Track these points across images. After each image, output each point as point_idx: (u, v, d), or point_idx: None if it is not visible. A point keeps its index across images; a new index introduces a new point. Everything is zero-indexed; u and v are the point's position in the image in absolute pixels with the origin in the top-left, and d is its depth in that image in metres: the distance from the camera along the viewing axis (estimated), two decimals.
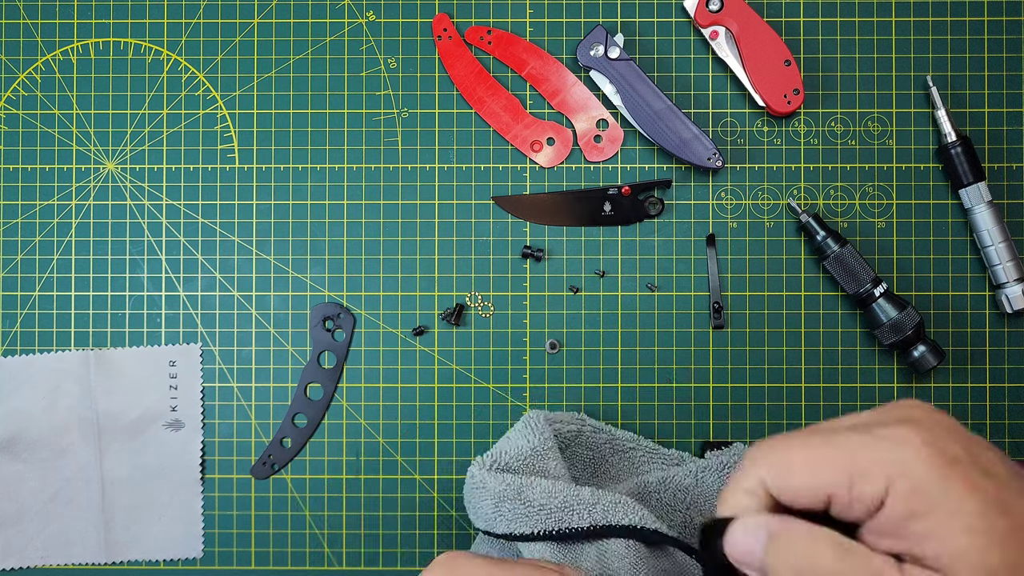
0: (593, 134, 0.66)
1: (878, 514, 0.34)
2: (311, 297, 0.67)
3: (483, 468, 0.57)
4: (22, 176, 0.67)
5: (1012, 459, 0.66)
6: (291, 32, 0.67)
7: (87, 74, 0.67)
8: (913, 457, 0.34)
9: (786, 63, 0.64)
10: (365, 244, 0.67)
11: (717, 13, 0.64)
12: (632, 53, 0.66)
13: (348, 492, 0.66)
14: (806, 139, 0.67)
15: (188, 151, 0.67)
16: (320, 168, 0.67)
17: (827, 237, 0.64)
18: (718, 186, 0.66)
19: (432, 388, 0.66)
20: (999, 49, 0.66)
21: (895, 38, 0.67)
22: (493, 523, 0.56)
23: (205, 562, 0.66)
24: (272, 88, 0.67)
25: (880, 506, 0.34)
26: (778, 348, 0.66)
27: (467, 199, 0.67)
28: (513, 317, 0.66)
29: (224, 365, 0.66)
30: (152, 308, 0.67)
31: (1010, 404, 0.65)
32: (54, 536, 0.65)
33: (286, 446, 0.66)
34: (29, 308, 0.67)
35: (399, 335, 0.66)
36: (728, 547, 0.38)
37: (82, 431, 0.65)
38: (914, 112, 0.66)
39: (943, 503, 0.33)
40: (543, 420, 0.60)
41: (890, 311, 0.63)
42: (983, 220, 0.64)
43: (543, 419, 0.60)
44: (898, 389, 0.66)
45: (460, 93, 0.67)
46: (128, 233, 0.67)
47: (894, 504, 0.34)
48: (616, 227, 0.66)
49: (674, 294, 0.66)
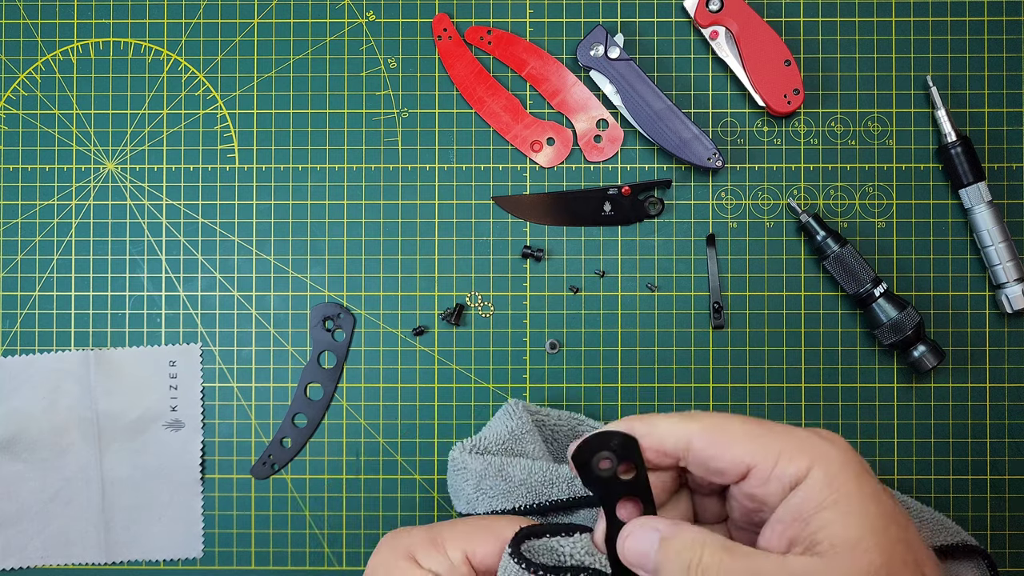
0: (593, 134, 0.66)
1: (789, 496, 0.38)
2: (311, 297, 0.67)
3: (464, 452, 0.58)
4: (22, 176, 0.67)
5: (1011, 459, 0.66)
6: (291, 32, 0.67)
7: (87, 74, 0.67)
8: (836, 454, 0.39)
9: (786, 63, 0.64)
10: (365, 244, 0.67)
11: (717, 13, 0.64)
12: (632, 53, 0.66)
13: (348, 492, 0.66)
14: (806, 139, 0.67)
15: (188, 151, 0.67)
16: (320, 168, 0.67)
17: (827, 237, 0.64)
18: (718, 186, 0.66)
19: (432, 388, 0.66)
20: (999, 49, 0.66)
21: (895, 38, 0.67)
22: (475, 503, 0.56)
23: (205, 562, 0.66)
24: (272, 88, 0.67)
25: (793, 487, 0.38)
26: (778, 348, 0.66)
27: (467, 199, 0.67)
28: (513, 317, 0.66)
29: (224, 365, 0.66)
30: (152, 308, 0.67)
31: (1010, 404, 0.65)
32: (54, 536, 0.65)
33: (286, 446, 0.66)
34: (29, 308, 0.67)
35: (399, 335, 0.66)
36: (622, 551, 0.41)
37: (82, 431, 0.65)
38: (914, 112, 0.66)
39: (851, 499, 0.38)
40: (521, 407, 0.60)
41: (890, 311, 0.63)
42: (983, 220, 0.64)
43: (521, 407, 0.61)
44: (898, 389, 0.66)
45: (460, 93, 0.67)
46: (128, 233, 0.67)
47: (809, 487, 0.38)
48: (616, 227, 0.66)
49: (674, 294, 0.66)
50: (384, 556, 0.45)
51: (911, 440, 0.65)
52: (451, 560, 0.44)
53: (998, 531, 0.65)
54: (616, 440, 0.42)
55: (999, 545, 0.65)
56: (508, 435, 0.59)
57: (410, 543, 0.45)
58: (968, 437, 0.65)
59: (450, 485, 0.59)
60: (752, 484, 0.40)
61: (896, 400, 0.66)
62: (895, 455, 0.65)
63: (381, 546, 0.46)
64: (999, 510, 0.65)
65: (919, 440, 0.65)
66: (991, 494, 0.65)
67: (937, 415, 0.66)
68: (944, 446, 0.65)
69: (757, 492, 0.40)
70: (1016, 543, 0.65)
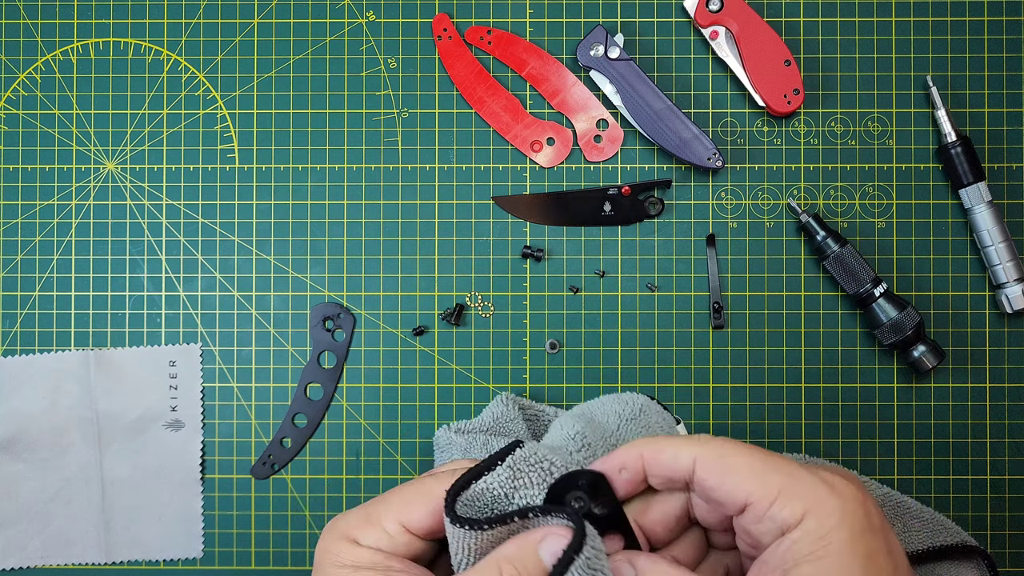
0: (593, 134, 0.66)
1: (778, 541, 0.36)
2: (311, 297, 0.67)
3: (449, 432, 0.59)
4: (22, 176, 0.67)
5: (1011, 459, 0.66)
6: (291, 32, 0.67)
7: (87, 74, 0.67)
8: (836, 506, 0.36)
9: (786, 63, 0.64)
10: (365, 244, 0.67)
11: (717, 13, 0.64)
12: (632, 53, 0.66)
13: (348, 492, 0.66)
14: (806, 139, 0.67)
15: (188, 151, 0.67)
16: (320, 168, 0.67)
17: (827, 237, 0.64)
18: (718, 186, 0.66)
19: (432, 388, 0.66)
20: (999, 49, 0.66)
21: (895, 38, 0.67)
22: None
23: (205, 562, 0.66)
24: (272, 88, 0.67)
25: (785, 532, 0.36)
26: (778, 348, 0.66)
27: (467, 199, 0.67)
28: (513, 317, 0.66)
29: (224, 365, 0.66)
30: (152, 308, 0.67)
31: (1010, 404, 0.65)
32: (54, 536, 0.65)
33: (286, 446, 0.66)
34: (29, 308, 0.67)
35: (399, 335, 0.66)
36: None
37: (82, 431, 0.65)
38: (914, 112, 0.66)
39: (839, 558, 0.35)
40: (510, 398, 0.61)
41: (890, 311, 0.63)
42: (983, 220, 0.64)
43: (511, 398, 0.61)
44: (898, 389, 0.66)
45: (460, 93, 0.67)
46: (128, 233, 0.67)
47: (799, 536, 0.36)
48: (616, 227, 0.66)
49: (674, 294, 0.66)
50: (325, 542, 0.44)
51: (911, 440, 0.65)
52: (389, 533, 0.43)
53: (998, 531, 0.65)
54: (584, 479, 0.41)
55: (999, 545, 0.65)
56: (493, 421, 0.60)
57: (346, 525, 0.43)
58: (968, 437, 0.65)
59: (436, 464, 0.60)
60: (747, 520, 0.38)
61: (896, 400, 0.66)
62: (895, 455, 0.65)
63: (323, 534, 0.45)
64: (999, 510, 0.65)
65: (919, 440, 0.65)
66: (991, 494, 0.65)
67: (937, 415, 0.66)
68: (944, 446, 0.65)
69: (751, 529, 0.38)
70: (1016, 543, 0.65)
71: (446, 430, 0.60)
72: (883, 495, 0.60)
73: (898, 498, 0.60)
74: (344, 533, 0.43)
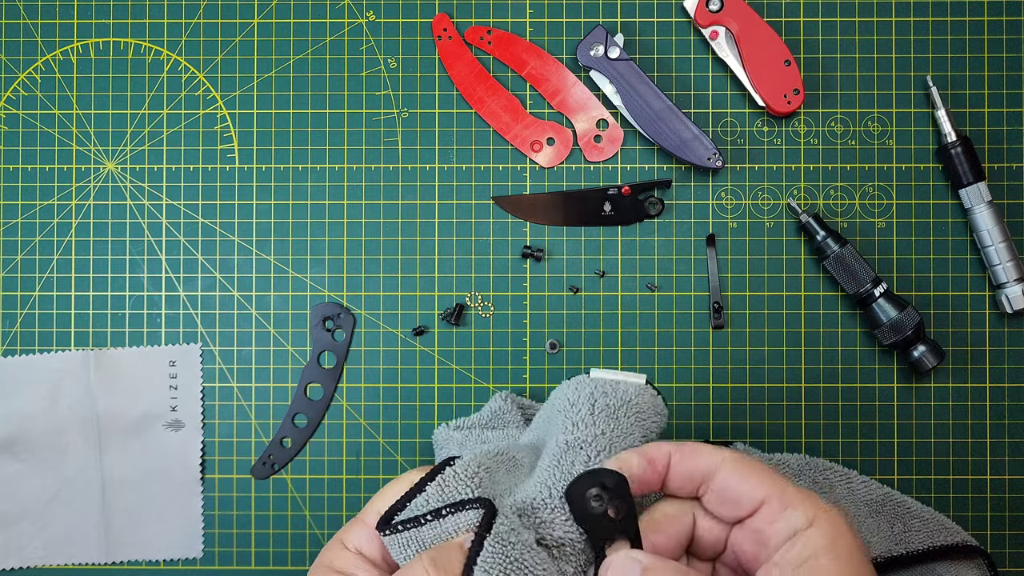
0: (593, 134, 0.66)
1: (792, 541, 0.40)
2: (311, 297, 0.67)
3: (448, 429, 0.61)
4: (22, 176, 0.67)
5: (1011, 459, 0.66)
6: (291, 32, 0.67)
7: (87, 74, 0.67)
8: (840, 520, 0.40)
9: (786, 63, 0.64)
10: (365, 244, 0.67)
11: (717, 13, 0.64)
12: (632, 53, 0.66)
13: (348, 492, 0.66)
14: (806, 139, 0.67)
15: (188, 151, 0.67)
16: (320, 168, 0.67)
17: (827, 237, 0.64)
18: (718, 186, 0.66)
19: (432, 388, 0.66)
20: (999, 49, 0.66)
21: (895, 38, 0.67)
22: None
23: (205, 562, 0.66)
24: (272, 88, 0.67)
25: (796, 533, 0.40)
26: (778, 348, 0.66)
27: (467, 199, 0.67)
28: (513, 317, 0.66)
29: (224, 365, 0.66)
30: (152, 308, 0.67)
31: (1010, 404, 0.65)
32: (54, 536, 0.65)
33: (286, 446, 0.66)
34: (29, 308, 0.67)
35: (399, 335, 0.66)
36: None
37: (82, 431, 0.65)
38: (914, 112, 0.66)
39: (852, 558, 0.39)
40: (508, 397, 0.62)
41: (890, 311, 0.63)
42: (983, 220, 0.64)
43: (509, 396, 0.62)
44: (898, 389, 0.66)
45: (460, 93, 0.67)
46: (128, 233, 0.67)
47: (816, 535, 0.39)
48: (616, 227, 0.66)
49: (674, 294, 0.66)
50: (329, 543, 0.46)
51: (911, 440, 0.65)
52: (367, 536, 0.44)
53: (998, 531, 0.65)
54: (607, 478, 0.42)
55: (999, 545, 0.65)
56: (490, 416, 0.61)
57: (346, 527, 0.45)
58: (968, 437, 0.65)
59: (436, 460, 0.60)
60: (761, 519, 0.41)
61: (896, 400, 0.66)
62: (895, 455, 0.65)
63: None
64: (999, 510, 0.65)
65: (919, 440, 0.65)
66: (991, 494, 0.65)
67: (937, 415, 0.66)
68: (944, 446, 0.65)
69: (764, 528, 0.41)
70: (1016, 543, 0.65)
71: (445, 427, 0.61)
72: (883, 495, 0.60)
73: (898, 498, 0.60)
74: (340, 535, 0.45)
